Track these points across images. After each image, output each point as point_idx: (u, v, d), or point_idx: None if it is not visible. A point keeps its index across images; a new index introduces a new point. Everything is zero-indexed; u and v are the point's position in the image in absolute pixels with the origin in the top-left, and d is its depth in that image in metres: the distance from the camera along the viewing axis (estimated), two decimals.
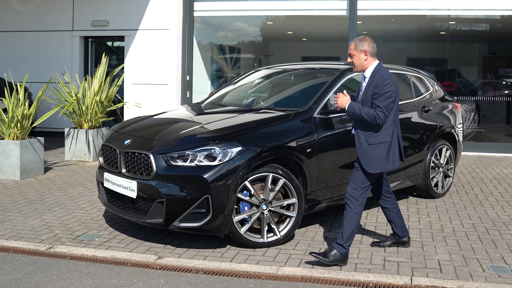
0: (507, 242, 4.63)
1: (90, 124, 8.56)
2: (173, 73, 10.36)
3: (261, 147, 4.39)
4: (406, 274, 3.93)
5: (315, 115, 4.86)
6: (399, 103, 5.82)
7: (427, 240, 4.70)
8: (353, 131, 4.23)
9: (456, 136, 6.36)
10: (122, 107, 10.28)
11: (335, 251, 4.05)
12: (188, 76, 10.60)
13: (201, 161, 4.26)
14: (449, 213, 5.55)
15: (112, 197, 4.86)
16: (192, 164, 4.26)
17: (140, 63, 10.48)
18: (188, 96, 10.63)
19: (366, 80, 4.11)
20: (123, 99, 10.27)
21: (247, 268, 4.06)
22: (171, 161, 4.30)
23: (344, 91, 4.20)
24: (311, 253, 4.14)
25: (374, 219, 5.34)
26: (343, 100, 4.11)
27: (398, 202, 6.02)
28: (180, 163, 4.29)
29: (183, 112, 5.61)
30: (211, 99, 6.04)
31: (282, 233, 4.52)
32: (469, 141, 9.65)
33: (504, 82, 12.15)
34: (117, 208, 4.77)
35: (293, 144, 4.59)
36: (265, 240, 4.46)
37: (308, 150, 4.66)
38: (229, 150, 4.27)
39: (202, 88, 11.61)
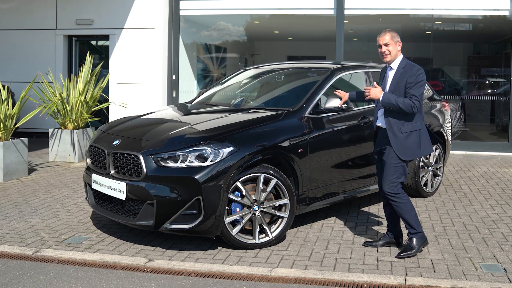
0: (498, 241, 4.64)
1: (75, 124, 8.42)
2: (159, 72, 10.25)
3: (253, 147, 4.33)
4: (400, 274, 3.91)
5: (306, 114, 4.82)
6: None
7: None
8: (378, 123, 4.30)
9: (445, 135, 6.37)
10: (108, 107, 10.14)
11: (414, 239, 4.23)
12: (174, 76, 10.50)
13: (192, 162, 4.18)
14: (439, 212, 5.55)
15: (100, 199, 4.77)
16: (183, 165, 4.18)
17: (125, 62, 10.35)
18: (174, 95, 10.53)
19: (393, 71, 4.23)
20: (108, 98, 10.12)
21: (240, 270, 4.00)
22: (161, 162, 4.22)
23: (375, 83, 4.27)
24: (398, 255, 4.22)
25: (365, 219, 5.32)
26: (376, 91, 4.17)
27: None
28: (170, 164, 4.21)
29: (171, 112, 5.53)
30: (200, 99, 5.96)
31: (274, 234, 4.47)
32: (455, 140, 9.72)
33: (488, 82, 12.27)
34: (105, 210, 4.67)
35: (285, 144, 4.54)
36: (257, 241, 4.41)
37: (299, 150, 4.62)
38: (220, 150, 4.21)
39: (188, 88, 11.51)
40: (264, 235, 4.46)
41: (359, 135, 5.18)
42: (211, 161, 4.17)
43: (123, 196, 4.36)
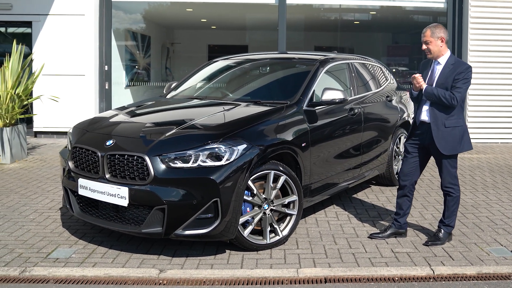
0: (489, 225, 4.87)
1: (5, 121, 7.52)
2: (90, 62, 9.49)
3: (265, 143, 4.11)
4: (423, 264, 3.94)
5: (304, 107, 4.69)
6: (373, 93, 5.87)
7: (417, 228, 4.77)
8: (422, 118, 4.26)
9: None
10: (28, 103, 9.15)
11: (443, 231, 4.36)
12: (106, 66, 9.77)
13: (205, 161, 3.86)
14: (418, 200, 5.71)
15: (87, 206, 4.27)
16: (195, 165, 3.84)
17: (52, 52, 9.42)
18: (107, 87, 9.81)
19: (440, 66, 4.21)
20: (32, 91, 9.15)
21: (264, 273, 3.79)
22: (169, 163, 3.85)
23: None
24: (426, 243, 4.33)
25: (353, 210, 5.32)
26: (422, 81, 4.18)
27: (363, 192, 6.11)
28: (179, 164, 3.85)
29: (158, 107, 5.07)
30: (177, 92, 5.54)
31: (284, 232, 4.31)
32: None
33: (406, 70, 12.98)
34: (96, 218, 4.18)
35: (292, 138, 4.38)
36: (268, 241, 4.21)
37: (303, 144, 4.48)
38: (235, 148, 3.93)
39: (117, 79, 10.80)
40: (273, 234, 4.28)
41: (351, 126, 5.17)
42: (227, 159, 3.88)
43: (124, 202, 3.92)
